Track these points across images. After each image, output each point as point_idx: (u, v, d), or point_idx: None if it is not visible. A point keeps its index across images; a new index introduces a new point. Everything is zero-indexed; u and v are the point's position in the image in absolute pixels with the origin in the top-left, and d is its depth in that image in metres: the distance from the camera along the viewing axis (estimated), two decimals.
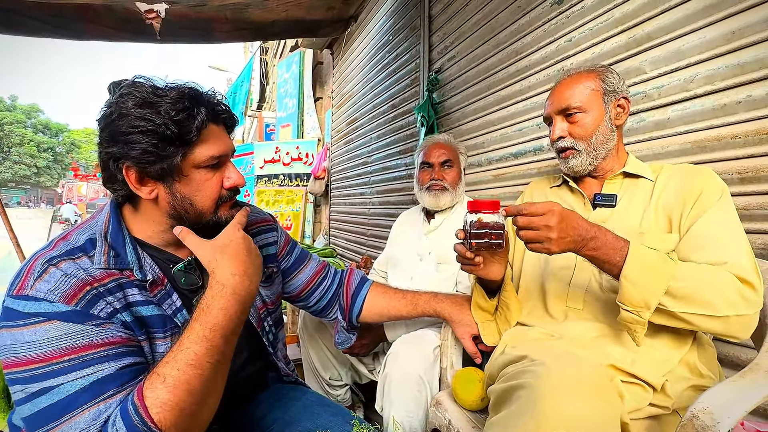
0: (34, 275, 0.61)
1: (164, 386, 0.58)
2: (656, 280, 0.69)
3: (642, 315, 0.70)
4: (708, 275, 0.70)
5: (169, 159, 0.67)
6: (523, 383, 0.60)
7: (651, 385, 0.70)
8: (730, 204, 0.79)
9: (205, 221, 0.76)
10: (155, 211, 0.73)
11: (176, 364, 0.59)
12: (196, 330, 0.62)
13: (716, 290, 0.68)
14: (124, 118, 0.65)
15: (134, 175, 0.68)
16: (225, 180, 0.76)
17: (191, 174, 0.71)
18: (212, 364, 0.61)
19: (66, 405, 0.57)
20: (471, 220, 0.82)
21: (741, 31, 0.97)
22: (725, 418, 0.54)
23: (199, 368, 0.60)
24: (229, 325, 0.64)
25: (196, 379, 0.59)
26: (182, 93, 0.69)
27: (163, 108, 0.66)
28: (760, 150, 0.94)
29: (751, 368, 0.64)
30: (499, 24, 1.81)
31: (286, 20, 3.32)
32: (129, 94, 0.66)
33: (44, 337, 0.58)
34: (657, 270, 0.69)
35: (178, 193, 0.71)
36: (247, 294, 0.68)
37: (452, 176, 1.45)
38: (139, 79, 0.70)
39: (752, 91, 0.95)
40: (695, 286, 0.68)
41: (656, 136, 1.17)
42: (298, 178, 5.04)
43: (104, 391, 0.58)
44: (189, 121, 0.68)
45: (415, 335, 1.18)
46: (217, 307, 0.64)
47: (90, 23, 2.76)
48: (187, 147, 0.69)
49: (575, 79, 0.95)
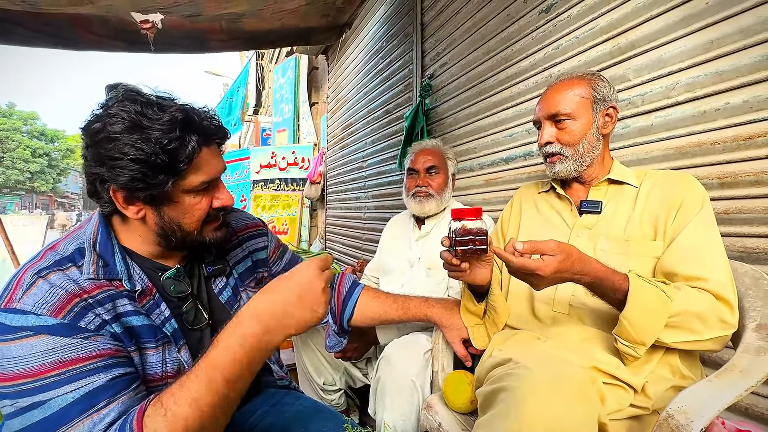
0: (23, 288, 0.61)
1: (164, 420, 0.55)
2: (655, 323, 0.72)
3: (638, 351, 0.73)
4: (695, 307, 0.73)
5: (159, 187, 0.67)
6: (506, 386, 0.62)
7: (632, 387, 0.72)
8: (710, 214, 0.82)
9: (190, 240, 0.76)
10: (142, 228, 0.73)
11: (178, 399, 0.56)
12: (199, 365, 0.59)
13: (702, 321, 0.73)
14: (113, 141, 0.63)
15: (121, 197, 0.67)
16: (214, 201, 0.76)
17: (180, 199, 0.71)
18: (211, 406, 0.57)
19: (58, 418, 0.56)
20: (455, 227, 0.84)
21: (719, 40, 1.00)
22: (699, 417, 0.56)
23: (199, 409, 0.56)
24: (232, 369, 0.58)
25: (195, 421, 0.56)
26: (174, 119, 0.66)
27: (153, 135, 0.64)
28: (737, 156, 0.97)
29: (726, 368, 0.67)
30: (489, 31, 1.85)
31: (281, 29, 3.34)
32: (117, 115, 0.64)
33: (31, 352, 0.57)
34: (656, 313, 0.72)
35: (166, 216, 0.71)
36: (257, 344, 0.61)
37: (438, 182, 1.46)
38: (130, 92, 0.68)
39: (730, 98, 0.98)
40: (684, 318, 0.73)
41: (640, 141, 1.19)
42: (294, 183, 5.05)
43: (96, 402, 0.58)
44: (181, 149, 0.66)
45: (407, 339, 1.20)
46: (222, 346, 0.59)
47: (84, 33, 2.76)
48: (177, 175, 0.68)
49: (567, 84, 0.96)
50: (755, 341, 0.70)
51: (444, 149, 1.53)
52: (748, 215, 0.96)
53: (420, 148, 1.53)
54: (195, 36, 3.08)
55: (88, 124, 0.66)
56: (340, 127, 4.08)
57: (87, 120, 0.67)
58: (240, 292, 0.91)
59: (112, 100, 0.66)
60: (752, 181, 0.94)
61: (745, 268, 0.82)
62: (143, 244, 0.75)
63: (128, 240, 0.75)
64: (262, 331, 0.60)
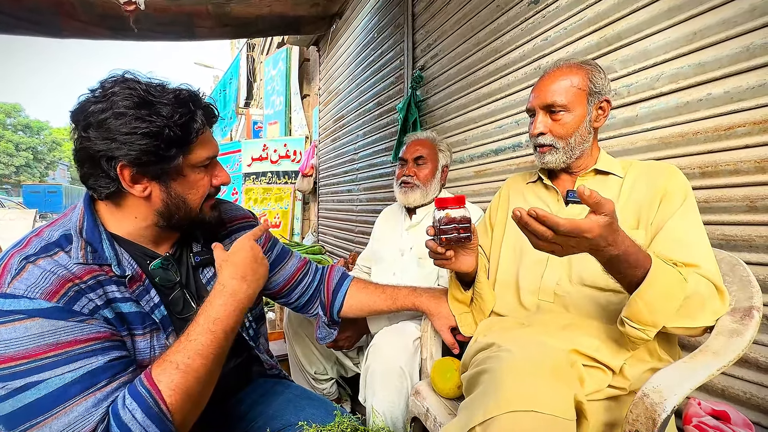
0: (11, 273, 0.61)
1: (177, 371, 0.63)
2: (671, 303, 0.69)
3: (648, 334, 0.70)
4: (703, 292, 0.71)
5: (171, 160, 0.70)
6: (488, 368, 0.64)
7: (611, 369, 0.74)
8: (693, 203, 0.83)
9: (193, 217, 0.79)
10: (143, 208, 0.74)
11: (187, 353, 0.65)
12: (200, 323, 0.69)
13: (703, 307, 0.72)
14: (121, 117, 0.65)
15: (129, 175, 0.69)
16: (214, 179, 0.80)
17: (188, 174, 0.75)
18: (215, 355, 0.68)
19: (56, 398, 0.57)
20: (439, 216, 0.85)
21: (702, 32, 1.01)
22: (672, 395, 0.58)
23: (205, 358, 0.66)
24: (228, 321, 0.71)
25: (203, 368, 0.65)
26: (180, 95, 0.71)
27: (163, 110, 0.67)
28: (718, 146, 0.99)
29: (701, 350, 0.69)
30: (478, 23, 1.85)
31: (270, 15, 3.30)
32: (121, 93, 0.66)
33: (25, 335, 0.58)
34: (674, 294, 0.69)
35: (173, 192, 0.74)
36: (244, 296, 0.76)
37: (424, 173, 1.46)
38: (129, 75, 0.70)
39: (712, 89, 1.00)
40: (690, 302, 0.71)
41: (626, 132, 1.21)
42: (286, 176, 5.03)
43: (97, 382, 0.60)
44: (191, 123, 0.71)
45: (397, 328, 1.22)
46: (218, 303, 0.72)
47: (67, 19, 2.70)
48: (188, 149, 0.72)
49: (564, 72, 0.93)
50: (729, 324, 0.72)
51: (437, 141, 1.52)
52: (728, 204, 0.98)
53: (413, 138, 1.54)
54: (182, 22, 3.02)
55: (85, 105, 0.67)
56: (331, 120, 4.06)
57: (82, 101, 0.68)
58: None
59: (109, 82, 0.68)
60: (731, 171, 0.97)
61: (723, 254, 0.85)
62: (137, 228, 0.76)
63: (117, 226, 0.75)
64: (244, 284, 0.76)
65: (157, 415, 0.60)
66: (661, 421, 0.57)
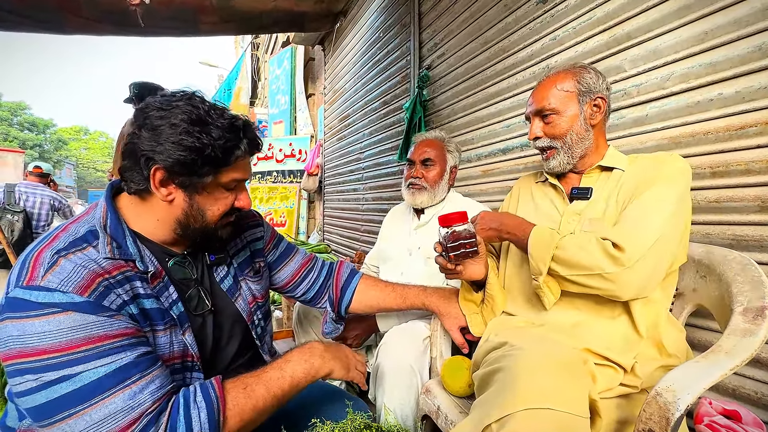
0: (44, 266, 0.62)
1: (244, 393, 0.70)
2: (545, 251, 0.84)
3: (538, 279, 0.85)
4: (581, 241, 0.82)
5: (202, 176, 0.73)
6: (502, 366, 0.65)
7: (622, 367, 0.75)
8: (671, 187, 0.82)
9: (208, 231, 0.80)
10: (164, 211, 0.76)
11: (258, 380, 0.73)
12: (277, 365, 0.78)
13: (586, 252, 0.79)
14: (174, 128, 0.69)
15: (159, 178, 0.71)
16: (237, 200, 0.82)
17: (213, 191, 0.77)
18: (275, 396, 0.74)
19: (91, 390, 0.59)
20: (444, 233, 0.88)
21: (713, 31, 1.01)
22: (685, 395, 0.59)
23: (268, 391, 0.73)
24: (294, 377, 0.78)
25: (262, 401, 0.71)
26: (236, 122, 0.75)
27: (214, 132, 0.71)
28: (729, 145, 0.99)
29: (713, 350, 0.69)
30: (486, 22, 1.85)
31: (274, 11, 3.29)
32: (184, 107, 0.70)
33: (58, 328, 0.59)
34: (546, 243, 0.84)
35: (195, 203, 0.76)
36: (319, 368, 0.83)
37: (432, 175, 1.45)
38: (198, 94, 0.75)
39: (723, 89, 1.00)
40: (572, 251, 0.81)
41: (635, 132, 1.21)
42: (292, 175, 5.05)
43: (130, 375, 0.62)
44: (234, 149, 0.74)
45: (406, 326, 1.23)
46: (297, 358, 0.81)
47: (71, 15, 2.70)
48: (220, 170, 0.75)
49: (552, 80, 0.99)
50: (741, 324, 0.73)
51: (446, 141, 1.51)
52: (739, 204, 0.98)
53: (421, 138, 1.54)
54: (185, 17, 3.01)
55: (148, 108, 0.71)
56: (337, 119, 4.07)
57: (148, 102, 0.73)
58: (240, 281, 0.93)
59: (178, 95, 0.73)
60: (743, 171, 0.97)
61: (734, 254, 0.85)
62: (157, 228, 0.78)
63: (139, 224, 0.77)
64: (319, 362, 0.84)
65: (216, 422, 0.65)
66: (674, 420, 0.58)
